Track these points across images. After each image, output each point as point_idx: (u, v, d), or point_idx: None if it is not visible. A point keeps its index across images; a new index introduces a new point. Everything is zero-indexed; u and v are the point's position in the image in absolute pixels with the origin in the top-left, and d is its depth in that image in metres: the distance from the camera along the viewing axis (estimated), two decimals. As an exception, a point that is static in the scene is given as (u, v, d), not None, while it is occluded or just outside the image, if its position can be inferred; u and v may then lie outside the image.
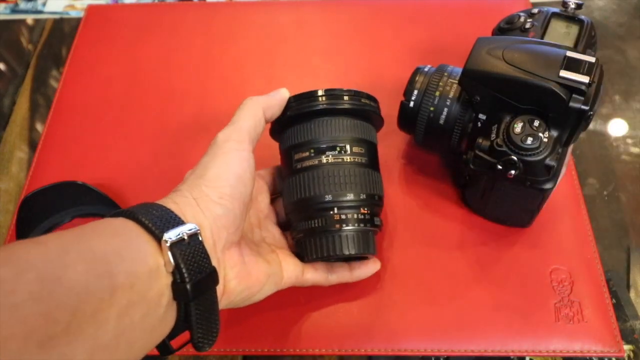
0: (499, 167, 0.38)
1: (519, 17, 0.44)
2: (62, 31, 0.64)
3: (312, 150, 0.39)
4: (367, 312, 0.42)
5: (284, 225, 0.43)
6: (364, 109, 0.40)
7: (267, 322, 0.42)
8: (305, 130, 0.39)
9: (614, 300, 0.44)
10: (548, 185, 0.39)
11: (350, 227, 0.38)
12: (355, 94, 0.40)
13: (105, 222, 0.29)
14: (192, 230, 0.30)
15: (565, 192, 0.47)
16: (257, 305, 0.42)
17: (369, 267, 0.42)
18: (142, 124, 0.53)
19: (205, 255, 0.30)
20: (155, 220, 0.29)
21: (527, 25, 0.43)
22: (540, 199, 0.40)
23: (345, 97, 0.39)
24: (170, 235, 0.28)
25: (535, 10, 0.44)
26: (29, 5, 0.67)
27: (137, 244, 0.28)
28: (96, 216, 0.45)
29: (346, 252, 0.38)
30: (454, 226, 0.46)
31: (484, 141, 0.39)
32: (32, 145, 0.55)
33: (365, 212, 0.39)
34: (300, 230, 0.39)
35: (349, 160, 0.39)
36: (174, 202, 0.32)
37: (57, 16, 0.66)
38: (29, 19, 0.66)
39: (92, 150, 0.52)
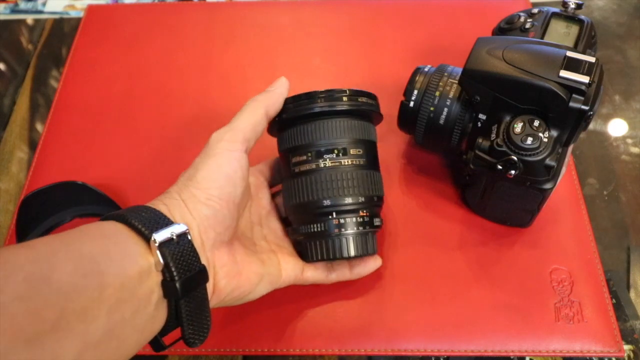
0: (499, 167, 0.38)
1: (519, 17, 0.44)
2: (62, 31, 0.64)
3: (309, 154, 0.38)
4: (367, 312, 0.42)
5: (287, 220, 0.43)
6: (362, 109, 0.39)
7: (267, 322, 0.42)
8: (303, 132, 0.39)
9: (614, 300, 0.44)
10: (548, 185, 0.39)
11: (349, 231, 0.38)
12: (354, 94, 0.39)
13: (94, 225, 0.30)
14: (181, 230, 0.30)
15: (565, 192, 0.47)
16: (257, 305, 0.42)
17: (369, 265, 0.42)
18: (142, 123, 0.53)
19: (194, 254, 0.30)
20: (145, 221, 0.30)
21: (527, 25, 0.43)
22: (540, 199, 0.40)
23: (343, 98, 0.38)
24: (159, 236, 0.29)
25: (535, 10, 0.44)
26: (29, 5, 0.67)
27: (126, 245, 0.29)
28: (96, 216, 0.45)
29: (345, 255, 0.38)
30: (454, 226, 0.46)
31: (484, 141, 0.39)
32: (32, 145, 0.55)
33: (365, 214, 0.39)
34: (300, 233, 0.39)
35: (347, 163, 0.38)
36: (163, 204, 0.33)
37: (57, 16, 0.66)
38: (29, 19, 0.66)
39: (92, 150, 0.52)
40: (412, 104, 0.44)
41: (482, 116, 0.40)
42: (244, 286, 0.35)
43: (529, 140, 0.37)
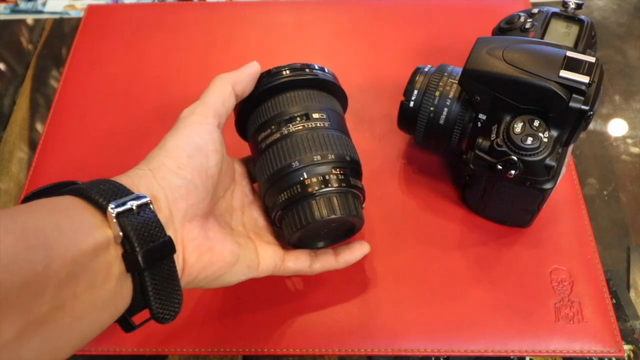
0: (499, 167, 0.38)
1: (519, 17, 0.44)
2: (62, 31, 0.64)
3: (273, 127, 0.38)
4: (367, 312, 0.42)
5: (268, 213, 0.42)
6: (317, 79, 0.39)
7: (267, 322, 0.42)
8: (264, 110, 0.39)
9: (614, 300, 0.44)
10: (548, 185, 0.39)
11: (325, 189, 0.36)
12: (302, 67, 0.39)
13: (46, 199, 0.28)
14: (142, 201, 0.29)
15: (565, 192, 0.47)
16: (257, 305, 0.42)
17: (356, 252, 0.40)
18: (142, 123, 0.53)
19: (157, 225, 0.29)
20: (102, 193, 0.28)
21: (527, 25, 0.43)
22: (540, 199, 0.40)
23: (305, 70, 0.39)
24: (116, 206, 0.28)
25: (535, 10, 0.44)
26: (29, 5, 0.67)
27: (80, 218, 0.27)
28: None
29: (326, 215, 0.35)
30: (454, 226, 0.46)
31: (484, 141, 0.39)
32: (32, 145, 0.55)
33: (338, 172, 0.37)
34: (277, 207, 0.37)
35: (311, 126, 0.38)
36: (126, 176, 0.31)
37: (57, 16, 0.66)
38: (29, 19, 0.66)
39: (92, 150, 0.52)
40: (412, 104, 0.44)
41: (482, 116, 0.40)
42: (217, 263, 0.34)
43: (529, 140, 0.37)
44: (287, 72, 0.39)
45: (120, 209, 0.28)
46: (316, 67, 0.40)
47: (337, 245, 0.41)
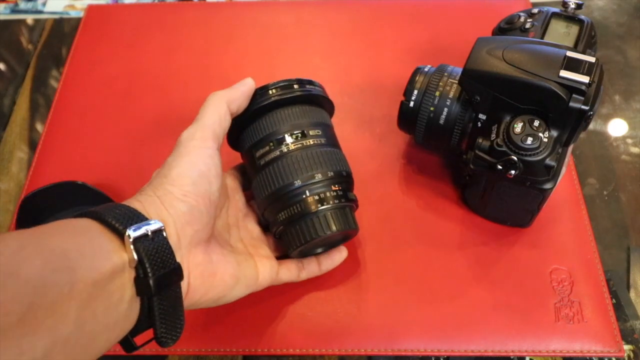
0: (499, 167, 0.38)
1: (519, 17, 0.44)
2: (62, 31, 0.64)
3: (271, 144, 0.39)
4: (367, 312, 0.42)
5: (265, 225, 0.43)
6: (312, 94, 0.41)
7: (267, 322, 0.42)
8: (260, 126, 0.40)
9: (614, 300, 0.44)
10: (548, 185, 0.39)
11: (326, 206, 0.38)
12: (301, 82, 0.41)
13: (67, 221, 0.29)
14: (156, 227, 0.30)
15: (565, 192, 0.47)
16: (257, 306, 0.42)
17: (335, 258, 0.42)
18: (142, 123, 0.53)
19: (169, 251, 0.30)
20: (118, 218, 0.29)
21: (527, 25, 0.43)
22: (540, 199, 0.40)
23: (293, 86, 0.40)
24: (133, 231, 0.29)
25: (535, 10, 0.44)
26: (29, 5, 0.67)
27: (99, 241, 0.28)
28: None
29: (327, 232, 0.38)
30: (454, 226, 0.46)
31: (484, 141, 0.39)
32: (32, 145, 0.55)
33: (337, 188, 0.39)
34: (279, 223, 0.39)
35: (309, 143, 0.39)
36: (138, 201, 0.32)
37: (57, 16, 0.66)
38: (29, 19, 0.66)
39: (92, 150, 0.52)
40: (412, 104, 0.44)
41: (482, 116, 0.40)
42: (218, 287, 0.35)
43: (529, 140, 0.37)
44: (281, 89, 0.40)
45: (137, 234, 0.29)
46: (306, 82, 0.41)
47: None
